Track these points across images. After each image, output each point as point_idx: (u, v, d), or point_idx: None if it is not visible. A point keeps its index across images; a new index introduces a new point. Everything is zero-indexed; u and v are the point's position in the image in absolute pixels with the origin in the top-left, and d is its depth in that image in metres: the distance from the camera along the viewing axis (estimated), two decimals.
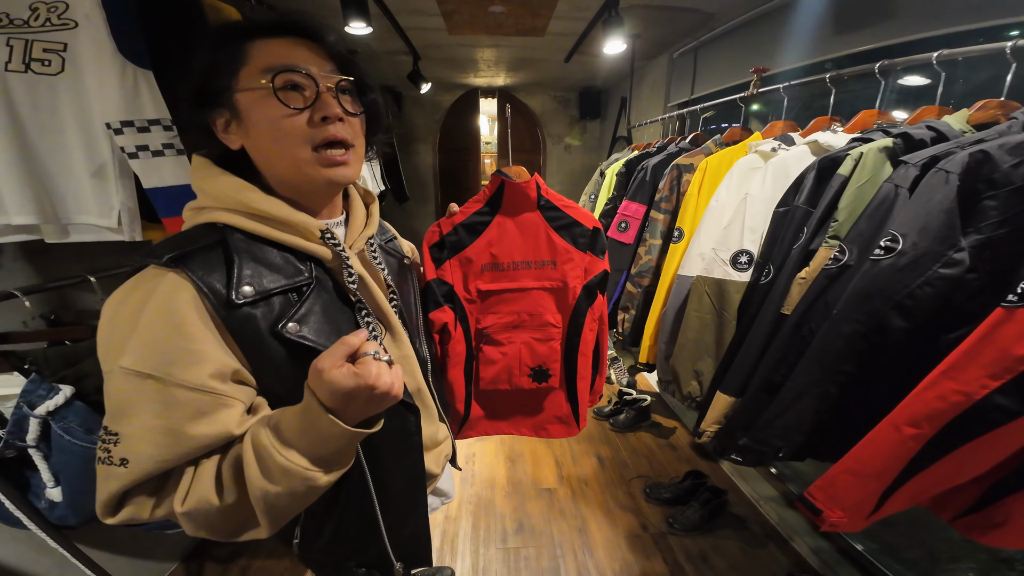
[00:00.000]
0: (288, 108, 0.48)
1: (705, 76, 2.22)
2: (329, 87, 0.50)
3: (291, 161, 0.50)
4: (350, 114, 0.52)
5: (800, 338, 0.82)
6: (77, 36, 0.83)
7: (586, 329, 0.91)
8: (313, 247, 0.53)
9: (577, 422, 0.99)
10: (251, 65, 0.48)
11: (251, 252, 0.50)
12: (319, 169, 0.51)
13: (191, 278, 0.45)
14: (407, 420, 0.61)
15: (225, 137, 0.51)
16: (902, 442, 0.65)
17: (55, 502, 0.89)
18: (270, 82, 0.47)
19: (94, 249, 1.02)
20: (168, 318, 0.44)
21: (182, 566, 1.49)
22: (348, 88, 0.53)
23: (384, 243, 0.72)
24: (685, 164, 1.36)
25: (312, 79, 0.49)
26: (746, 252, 1.01)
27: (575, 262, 0.88)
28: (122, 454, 0.43)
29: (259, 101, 0.48)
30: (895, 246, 0.69)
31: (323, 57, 0.51)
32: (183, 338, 0.44)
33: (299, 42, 0.50)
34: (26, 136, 0.85)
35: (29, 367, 0.85)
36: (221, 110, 0.50)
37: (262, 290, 0.48)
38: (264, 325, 0.48)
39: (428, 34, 2.37)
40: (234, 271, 0.47)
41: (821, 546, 1.51)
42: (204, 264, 0.47)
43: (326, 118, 0.49)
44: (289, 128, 0.48)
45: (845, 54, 1.47)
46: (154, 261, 0.46)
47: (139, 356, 0.43)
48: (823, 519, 0.73)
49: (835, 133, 1.02)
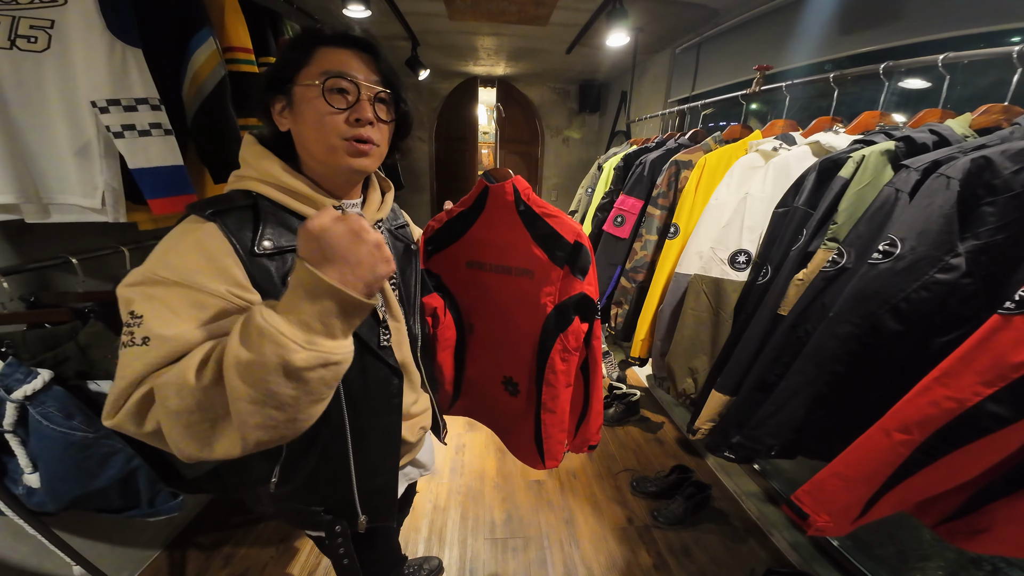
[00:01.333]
0: (331, 107, 0.57)
1: (707, 73, 2.20)
2: (369, 96, 0.59)
3: (325, 147, 0.59)
4: (381, 121, 0.62)
5: (795, 338, 0.82)
6: (65, 12, 0.81)
7: (555, 356, 0.80)
8: None
9: (542, 457, 0.89)
10: (312, 66, 0.58)
11: (276, 216, 0.59)
12: (345, 156, 0.60)
13: (225, 229, 0.54)
14: (390, 381, 0.69)
15: (279, 119, 0.61)
16: (891, 447, 0.66)
17: (33, 488, 0.87)
18: (322, 83, 0.57)
19: (77, 230, 0.99)
20: (201, 251, 0.52)
21: (164, 553, 1.47)
22: (385, 99, 0.62)
23: (394, 228, 0.78)
24: (684, 160, 1.35)
25: (356, 86, 0.59)
26: (744, 252, 1.01)
27: (550, 277, 0.79)
28: (144, 333, 0.47)
29: (310, 97, 0.57)
30: (893, 250, 0.68)
31: (371, 69, 0.61)
32: (211, 265, 0.52)
33: (356, 54, 0.60)
34: (8, 113, 0.82)
35: (6, 350, 0.82)
36: (281, 97, 0.60)
37: (279, 246, 0.57)
38: (277, 275, 0.57)
39: (428, 20, 2.32)
40: (259, 228, 0.57)
41: (799, 541, 1.55)
42: (237, 220, 0.56)
43: (359, 120, 0.59)
44: (329, 122, 0.58)
45: (846, 55, 1.47)
46: (197, 213, 0.55)
47: (171, 270, 0.50)
48: (809, 523, 0.74)
49: (837, 134, 1.02)
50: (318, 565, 1.47)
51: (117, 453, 0.90)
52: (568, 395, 0.86)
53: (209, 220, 0.54)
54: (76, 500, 0.90)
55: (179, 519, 1.57)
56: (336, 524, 0.73)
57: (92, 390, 0.93)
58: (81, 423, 0.86)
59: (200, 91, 1.02)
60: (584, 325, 0.82)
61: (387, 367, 0.68)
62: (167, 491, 0.98)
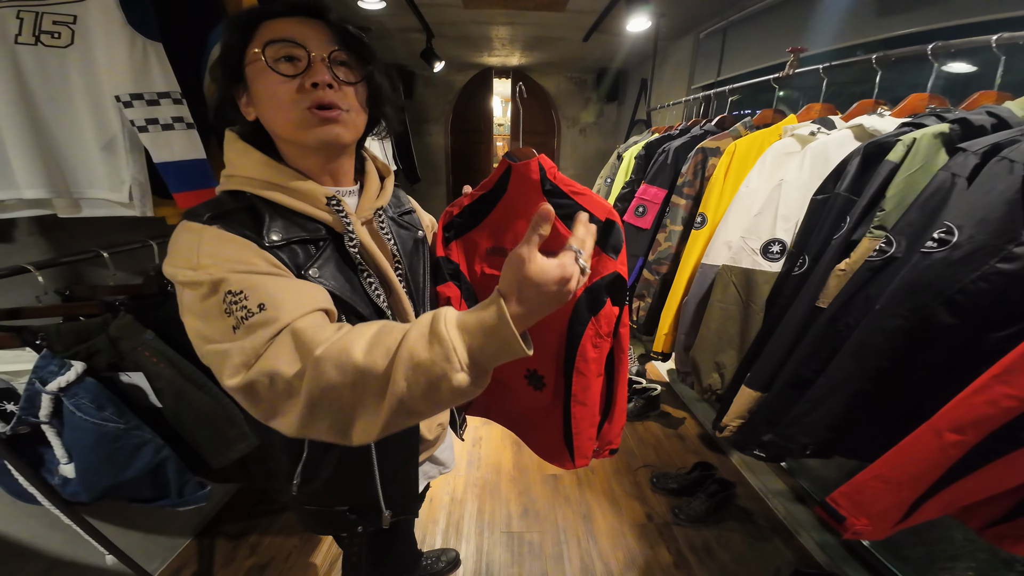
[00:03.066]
0: (280, 76, 0.52)
1: (733, 58, 2.12)
2: (322, 57, 0.53)
3: (286, 122, 0.54)
4: (343, 82, 0.55)
5: (835, 332, 0.78)
6: (87, 8, 0.81)
7: (586, 342, 0.77)
8: (319, 213, 0.58)
9: (572, 457, 0.85)
10: (255, 41, 0.53)
11: (274, 210, 0.56)
12: (310, 129, 0.55)
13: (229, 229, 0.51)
14: None
15: (245, 110, 0.57)
16: (942, 449, 0.62)
17: (68, 478, 0.89)
18: (263, 52, 0.52)
19: (108, 224, 1.00)
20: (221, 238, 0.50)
21: (194, 542, 1.51)
22: (345, 60, 0.56)
23: (397, 215, 0.75)
24: (711, 147, 1.30)
25: (304, 49, 0.53)
26: (778, 241, 0.96)
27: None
28: (257, 300, 0.46)
29: (259, 72, 0.53)
30: (949, 238, 0.64)
31: (324, 34, 0.55)
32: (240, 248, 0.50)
33: (303, 21, 0.54)
34: (36, 109, 0.83)
35: (40, 343, 0.83)
36: (239, 84, 0.56)
37: (287, 238, 0.54)
38: (292, 268, 0.54)
39: (443, 10, 2.29)
40: (264, 222, 0.53)
41: (827, 541, 1.50)
42: (237, 222, 0.52)
43: (316, 84, 0.53)
44: (283, 93, 0.53)
45: (879, 39, 1.39)
46: (194, 220, 0.51)
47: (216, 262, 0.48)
48: (846, 526, 0.70)
49: (882, 117, 0.96)
50: (339, 555, 1.50)
51: (147, 444, 0.92)
52: (599, 385, 0.82)
53: (208, 225, 0.50)
54: (108, 490, 0.92)
55: (207, 509, 1.61)
56: (359, 524, 0.73)
57: (123, 382, 0.95)
58: (112, 414, 0.87)
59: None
60: (615, 309, 0.77)
61: None
62: (195, 481, 1.00)
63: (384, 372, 0.42)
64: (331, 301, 0.53)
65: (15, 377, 0.85)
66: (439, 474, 0.92)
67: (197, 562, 1.45)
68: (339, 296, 0.56)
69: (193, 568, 1.43)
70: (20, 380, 0.84)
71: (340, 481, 0.69)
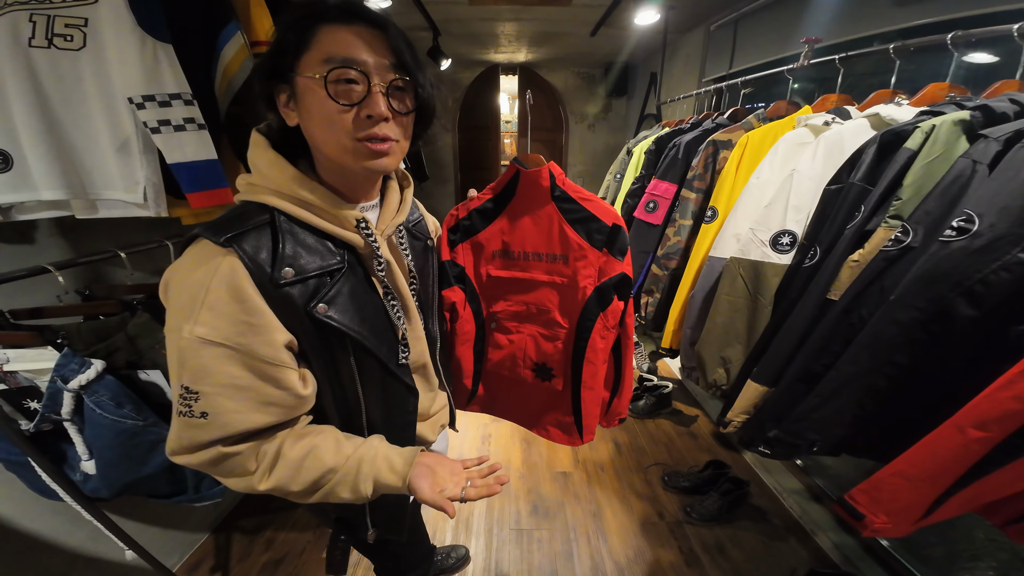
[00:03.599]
0: (338, 104, 0.50)
1: (745, 50, 2.08)
2: (381, 87, 0.51)
3: (336, 147, 0.53)
4: (398, 113, 0.54)
5: (848, 325, 0.76)
6: (97, 10, 0.82)
7: (595, 335, 0.84)
8: (348, 235, 0.57)
9: (580, 433, 0.93)
10: (313, 51, 0.50)
11: (293, 234, 0.54)
12: (360, 159, 0.54)
13: (243, 259, 0.50)
14: (407, 400, 0.68)
15: (285, 112, 0.55)
16: (965, 445, 0.60)
17: (89, 475, 0.91)
18: (324, 76, 0.49)
19: (126, 225, 1.03)
20: (233, 294, 0.49)
21: (212, 537, 1.55)
22: (402, 86, 0.54)
23: (411, 226, 0.74)
24: (723, 140, 1.28)
25: (366, 76, 0.51)
26: (789, 233, 0.94)
27: (588, 260, 0.82)
28: (203, 408, 0.49)
29: (314, 89, 0.50)
30: (970, 227, 0.62)
31: (383, 50, 0.52)
32: (248, 313, 0.50)
33: (363, 31, 0.51)
34: (52, 112, 0.85)
35: (61, 341, 0.86)
36: (284, 86, 0.53)
37: (300, 272, 0.53)
38: (300, 303, 0.53)
39: (449, 7, 2.29)
40: (278, 252, 0.52)
41: (844, 541, 1.47)
42: (255, 244, 0.51)
43: (371, 117, 0.51)
44: (337, 120, 0.51)
45: (896, 29, 1.36)
46: (211, 239, 0.50)
47: (213, 327, 0.48)
48: (865, 524, 0.69)
49: (900, 106, 0.93)
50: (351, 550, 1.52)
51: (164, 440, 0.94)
52: (604, 371, 0.89)
53: (225, 248, 0.49)
54: (127, 486, 0.95)
55: (224, 505, 1.64)
56: (341, 533, 0.75)
57: (142, 380, 0.97)
58: (131, 412, 0.89)
59: (231, 86, 1.03)
60: (621, 304, 0.84)
61: (404, 386, 0.67)
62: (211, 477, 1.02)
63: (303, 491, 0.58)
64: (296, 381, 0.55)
65: (38, 375, 0.87)
66: None
67: (214, 557, 1.48)
68: (345, 331, 0.56)
69: (211, 563, 1.46)
70: (43, 378, 0.86)
71: None
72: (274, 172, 0.54)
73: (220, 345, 0.48)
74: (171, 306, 0.50)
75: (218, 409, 0.50)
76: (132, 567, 1.18)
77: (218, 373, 0.49)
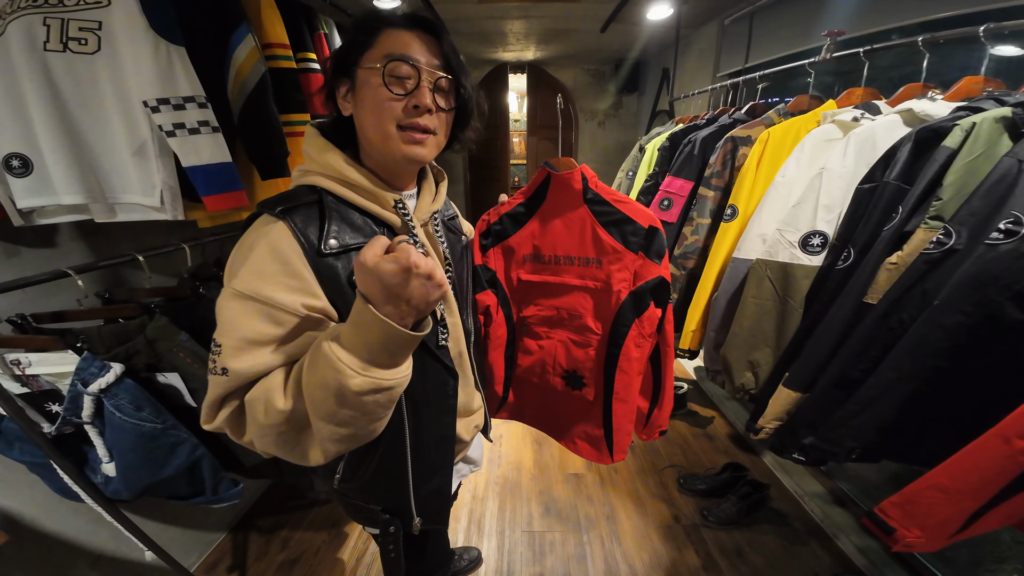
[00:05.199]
0: (391, 93, 0.56)
1: (762, 44, 2.04)
2: (429, 82, 0.57)
3: (381, 134, 0.58)
4: (441, 109, 0.59)
5: (887, 330, 0.73)
6: (111, 13, 0.82)
7: (630, 343, 0.80)
8: (386, 214, 0.61)
9: (610, 451, 0.88)
10: (376, 48, 0.57)
11: (339, 212, 0.59)
12: (400, 145, 0.58)
13: (293, 229, 0.54)
14: (447, 382, 0.69)
15: (342, 103, 0.61)
16: (1011, 456, 0.57)
17: (109, 477, 0.92)
18: (383, 67, 0.55)
19: (145, 228, 1.03)
20: (275, 255, 0.53)
21: (229, 536, 1.55)
22: (445, 87, 0.59)
23: (447, 220, 0.77)
24: (742, 136, 1.24)
25: (417, 71, 0.56)
26: (819, 233, 0.91)
27: (624, 263, 0.79)
28: (224, 363, 0.51)
29: (371, 80, 0.56)
30: (1018, 229, 0.59)
31: (434, 53, 0.58)
32: (286, 273, 0.53)
33: (420, 35, 0.58)
34: (69, 115, 0.85)
35: (81, 345, 0.86)
36: (346, 79, 0.60)
37: (344, 244, 0.57)
38: (344, 275, 0.56)
39: (457, 6, 2.27)
40: (325, 226, 0.56)
41: (868, 545, 1.44)
42: (304, 218, 0.56)
43: (417, 107, 0.57)
44: (387, 108, 0.56)
45: (916, 22, 1.32)
46: (268, 211, 0.55)
47: (247, 281, 0.51)
48: (896, 538, 0.66)
49: (933, 101, 0.89)
50: (366, 550, 1.52)
51: (183, 443, 0.94)
52: (639, 383, 0.85)
53: (279, 218, 0.55)
54: (147, 488, 0.95)
55: (241, 505, 1.65)
56: (391, 524, 0.73)
57: (160, 382, 0.98)
58: (150, 415, 0.89)
59: (243, 88, 1.03)
60: (658, 311, 0.81)
61: (444, 368, 0.67)
62: (229, 479, 1.02)
63: (297, 408, 0.50)
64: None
65: (59, 379, 0.87)
66: (470, 472, 0.92)
67: (232, 556, 1.49)
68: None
69: (228, 562, 1.47)
70: (64, 382, 0.86)
71: (377, 482, 0.70)
72: (324, 156, 0.60)
73: (250, 299, 0.51)
74: (226, 272, 0.55)
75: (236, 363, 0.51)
76: (152, 567, 1.19)
77: (242, 327, 0.51)
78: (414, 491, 0.70)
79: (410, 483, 0.70)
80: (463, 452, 0.84)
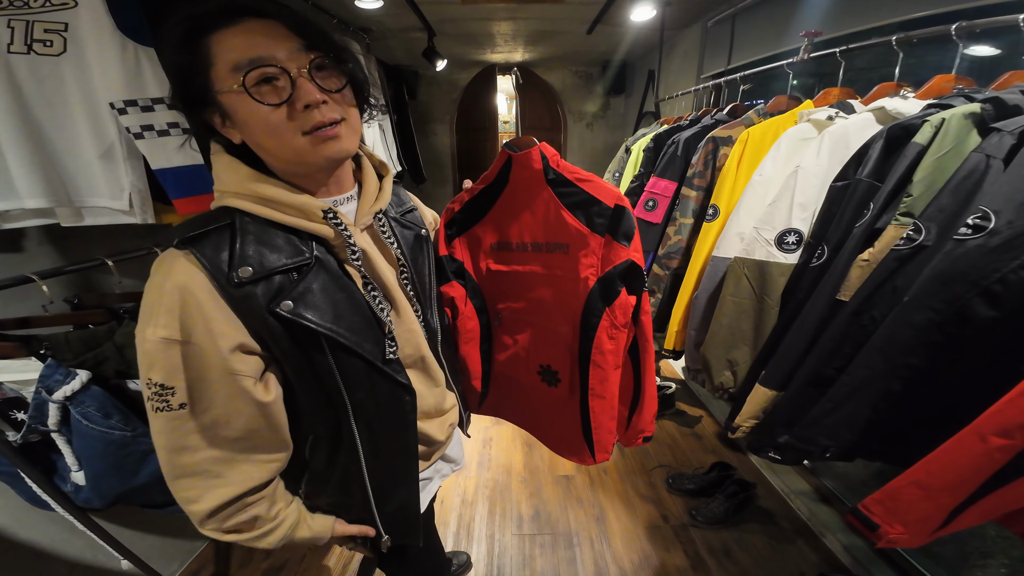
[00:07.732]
0: (268, 105, 0.48)
1: (744, 45, 2.06)
2: (302, 72, 0.48)
3: (289, 151, 0.51)
4: (333, 90, 0.51)
5: (859, 327, 0.73)
6: (77, 15, 0.81)
7: (602, 334, 0.74)
8: (315, 227, 0.55)
9: (591, 451, 0.82)
10: (218, 64, 0.47)
11: (256, 234, 0.52)
12: (315, 150, 0.51)
13: (199, 260, 0.48)
14: (402, 398, 0.64)
15: (226, 132, 0.53)
16: (987, 453, 0.57)
17: (80, 485, 0.90)
18: (241, 84, 0.46)
19: (117, 232, 1.01)
20: (183, 295, 0.48)
21: (211, 545, 1.52)
22: (324, 63, 0.51)
23: (400, 215, 0.71)
24: (722, 137, 1.25)
25: (281, 68, 0.47)
26: (794, 231, 0.91)
27: (590, 247, 0.72)
28: (181, 400, 0.49)
29: (240, 101, 0.48)
30: (986, 224, 0.59)
31: (287, 35, 0.49)
32: (199, 314, 0.48)
33: (256, 24, 0.47)
34: (33, 118, 0.83)
35: (45, 352, 0.84)
36: (211, 108, 0.51)
37: (261, 270, 0.50)
38: (264, 299, 0.50)
39: (443, 8, 2.26)
40: (235, 251, 0.50)
41: (854, 543, 1.45)
42: (214, 245, 0.50)
43: (308, 105, 0.49)
44: (276, 122, 0.49)
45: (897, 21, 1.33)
46: (170, 244, 0.50)
47: (173, 328, 0.48)
48: (880, 535, 0.66)
49: (905, 99, 0.90)
50: (352, 557, 1.49)
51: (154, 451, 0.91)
52: (617, 377, 0.79)
53: (181, 249, 0.49)
54: (120, 496, 0.93)
55: None
56: (364, 542, 0.72)
57: (131, 389, 0.95)
58: (119, 422, 0.87)
59: None
60: (632, 298, 0.74)
61: (397, 384, 0.62)
62: None
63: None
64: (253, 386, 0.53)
65: (24, 386, 0.85)
66: (451, 471, 0.89)
67: (214, 564, 1.46)
68: (315, 328, 0.53)
69: (210, 570, 1.44)
70: (29, 389, 0.84)
71: (340, 499, 0.67)
72: (230, 175, 0.53)
73: (176, 342, 0.48)
74: (139, 312, 0.51)
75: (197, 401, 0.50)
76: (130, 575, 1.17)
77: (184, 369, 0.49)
78: (377, 508, 0.67)
79: (372, 500, 0.67)
80: (440, 451, 0.81)
